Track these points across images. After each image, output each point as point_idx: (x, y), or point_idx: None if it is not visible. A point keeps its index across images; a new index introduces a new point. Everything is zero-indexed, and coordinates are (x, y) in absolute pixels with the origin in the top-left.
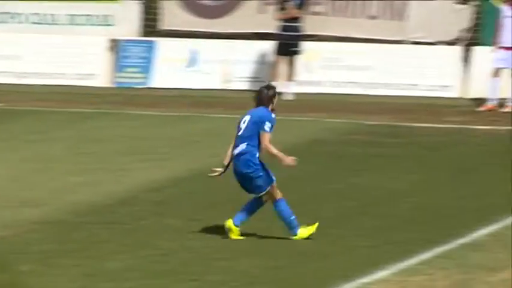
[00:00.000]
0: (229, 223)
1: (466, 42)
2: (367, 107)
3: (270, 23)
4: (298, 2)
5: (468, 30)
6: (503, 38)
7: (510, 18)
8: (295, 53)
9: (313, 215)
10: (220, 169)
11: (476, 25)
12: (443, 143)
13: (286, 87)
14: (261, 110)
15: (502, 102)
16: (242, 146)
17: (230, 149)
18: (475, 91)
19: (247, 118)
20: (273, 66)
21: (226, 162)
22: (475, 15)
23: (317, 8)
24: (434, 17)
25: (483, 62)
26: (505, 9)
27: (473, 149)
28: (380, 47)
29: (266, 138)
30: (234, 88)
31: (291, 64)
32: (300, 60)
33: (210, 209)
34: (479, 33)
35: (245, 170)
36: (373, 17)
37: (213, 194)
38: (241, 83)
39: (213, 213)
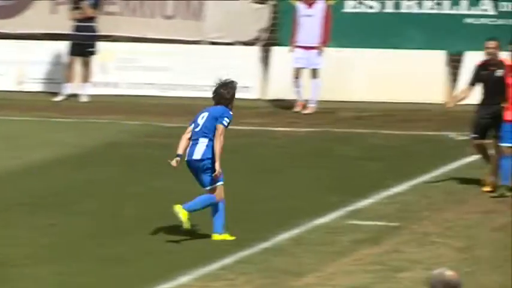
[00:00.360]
0: (182, 211)
1: (265, 42)
2: (166, 108)
3: (63, 23)
4: (93, 1)
5: (266, 30)
6: (300, 37)
7: (306, 17)
8: (90, 53)
9: (112, 219)
10: (177, 158)
11: (274, 25)
12: (243, 145)
13: (81, 89)
14: (221, 108)
15: (304, 104)
16: (201, 140)
17: (183, 141)
18: (274, 92)
19: (205, 114)
20: (68, 67)
21: (181, 152)
22: (273, 15)
23: (111, 8)
24: (231, 16)
25: (282, 63)
26: (301, 7)
27: (273, 151)
28: (177, 48)
29: (220, 131)
30: (28, 90)
31: (86, 65)
32: (95, 61)
33: (5, 212)
34: (278, 33)
35: (199, 158)
36: (169, 17)
37: (8, 197)
38: (35, 85)
39: (8, 217)
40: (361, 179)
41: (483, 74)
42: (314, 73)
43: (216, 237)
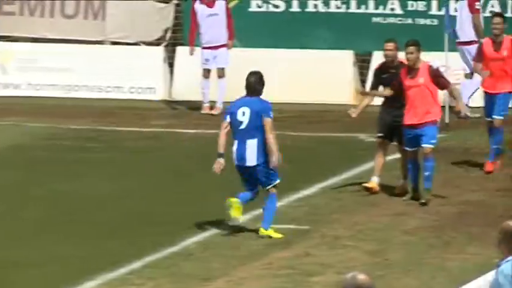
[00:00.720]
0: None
1: (169, 42)
2: (69, 110)
3: None
4: None
5: (171, 29)
6: (207, 37)
7: (210, 17)
8: None
9: (16, 222)
10: (221, 160)
11: (178, 24)
12: (150, 147)
13: None
14: (259, 101)
15: (212, 105)
16: (250, 143)
17: (222, 138)
18: (180, 93)
19: (246, 110)
20: None
21: (222, 151)
22: (177, 14)
23: (10, 8)
24: (134, 16)
25: (187, 63)
26: (201, 8)
27: (180, 154)
28: (79, 48)
29: (270, 125)
30: None
31: None
32: None
33: None
34: (182, 32)
35: (254, 164)
36: (69, 17)
37: None
38: None
39: None
40: None
41: (384, 77)
42: (221, 72)
43: (262, 232)
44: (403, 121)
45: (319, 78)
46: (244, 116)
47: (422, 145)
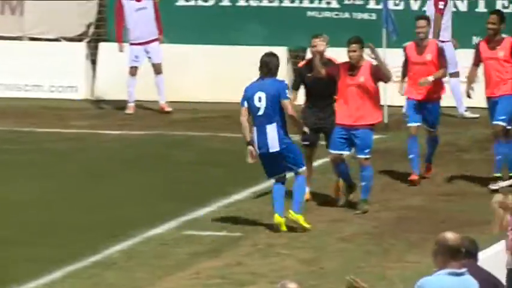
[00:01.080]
0: (278, 218)
1: (92, 38)
2: None
3: None
4: None
5: (94, 25)
6: (136, 33)
7: (139, 11)
8: None
9: None
10: (250, 147)
11: (101, 19)
12: (71, 149)
13: None
14: (273, 82)
15: (138, 104)
16: (269, 128)
17: (246, 125)
18: (103, 92)
19: (262, 95)
20: None
21: (249, 138)
22: (100, 9)
23: None
24: (55, 10)
25: (110, 60)
26: (129, 3)
27: (103, 156)
28: None
29: (289, 106)
30: None
31: None
32: None
33: None
34: (106, 27)
35: (278, 149)
36: None
37: None
38: None
39: None
40: (199, 185)
41: (309, 76)
42: (158, 68)
43: (292, 215)
44: (327, 123)
45: (250, 75)
46: (260, 101)
47: (357, 155)
